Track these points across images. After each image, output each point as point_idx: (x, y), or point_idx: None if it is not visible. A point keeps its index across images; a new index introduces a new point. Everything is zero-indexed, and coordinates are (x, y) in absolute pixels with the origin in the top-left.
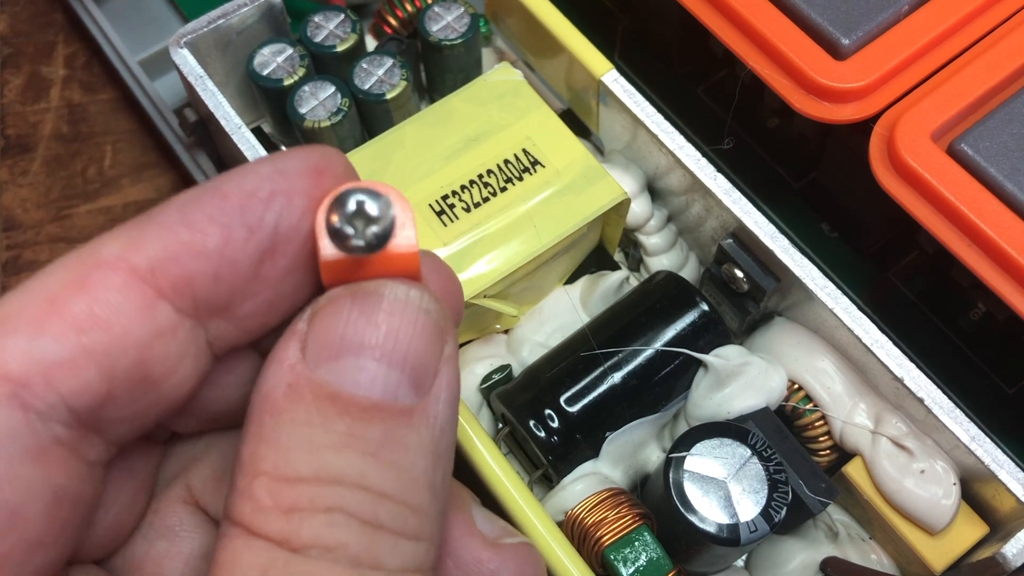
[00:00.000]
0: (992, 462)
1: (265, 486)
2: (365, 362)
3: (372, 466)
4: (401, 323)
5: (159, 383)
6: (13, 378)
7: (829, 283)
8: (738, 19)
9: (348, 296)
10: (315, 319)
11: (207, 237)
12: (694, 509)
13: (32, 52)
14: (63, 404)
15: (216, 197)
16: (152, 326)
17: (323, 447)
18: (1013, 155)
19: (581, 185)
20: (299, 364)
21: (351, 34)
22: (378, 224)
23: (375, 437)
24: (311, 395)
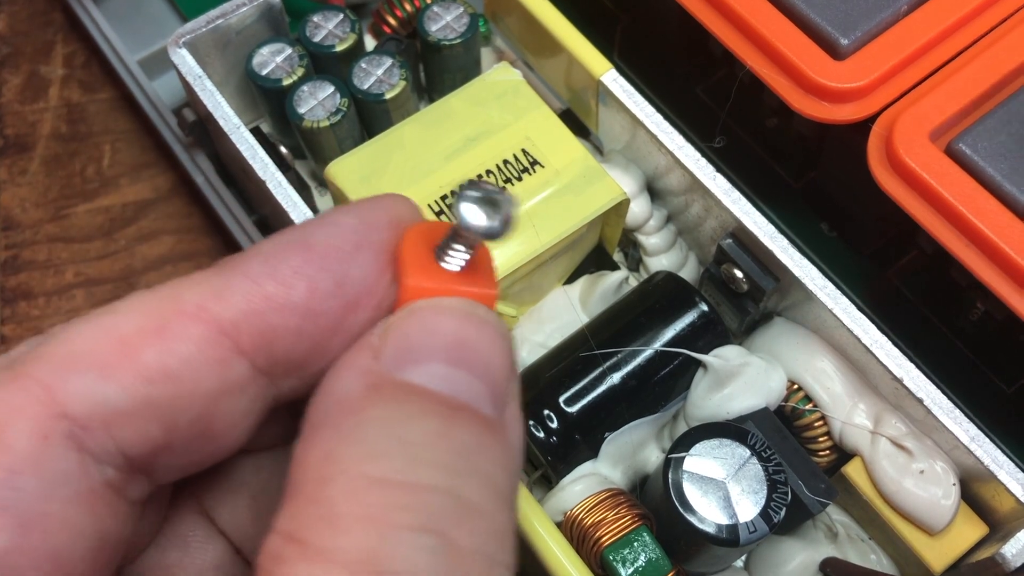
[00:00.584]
0: (991, 462)
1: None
2: (447, 368)
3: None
4: (480, 337)
5: (218, 437)
6: (73, 418)
7: (828, 283)
8: (737, 19)
9: (433, 306)
10: (393, 329)
11: (293, 291)
12: (693, 510)
13: (31, 51)
14: (118, 450)
15: (302, 249)
16: (223, 383)
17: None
18: (1011, 155)
19: (580, 185)
20: (377, 367)
21: (350, 34)
22: (504, 212)
23: (466, 439)
24: (394, 391)
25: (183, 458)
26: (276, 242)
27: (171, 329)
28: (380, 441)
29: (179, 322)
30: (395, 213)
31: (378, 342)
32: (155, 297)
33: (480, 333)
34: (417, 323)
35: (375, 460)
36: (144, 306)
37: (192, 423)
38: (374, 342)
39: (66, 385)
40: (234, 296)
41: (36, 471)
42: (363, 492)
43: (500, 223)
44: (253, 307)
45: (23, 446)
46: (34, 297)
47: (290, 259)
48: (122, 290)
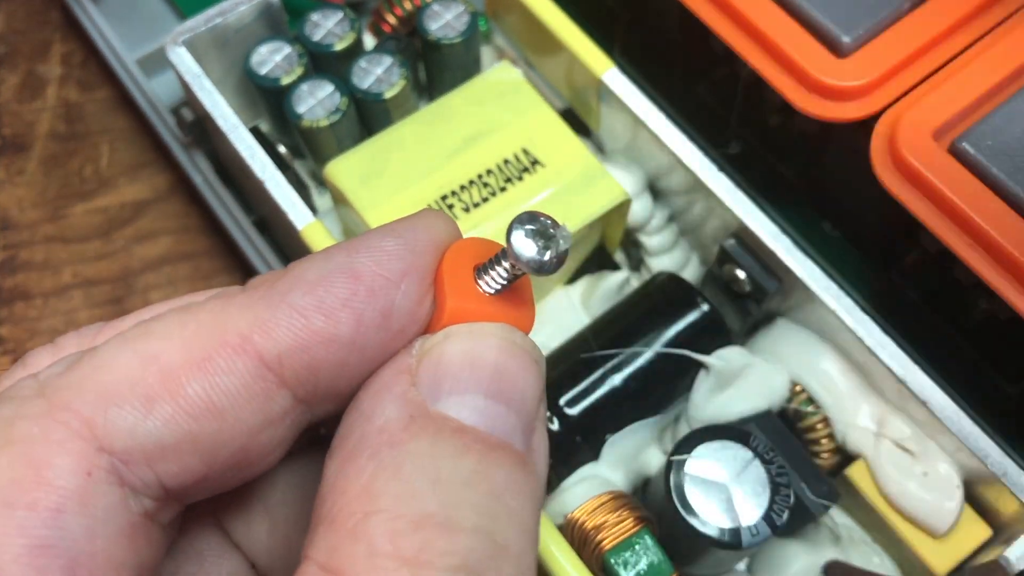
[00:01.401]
0: (995, 465)
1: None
2: (485, 401)
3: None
4: (517, 368)
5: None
6: (114, 452)
7: (832, 284)
8: (738, 17)
9: (472, 333)
10: (431, 354)
11: (340, 325)
12: (695, 512)
13: (28, 50)
14: (158, 483)
15: (349, 279)
16: (266, 417)
17: (451, 482)
18: (1015, 154)
19: (581, 185)
20: (416, 396)
21: (349, 32)
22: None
23: (500, 479)
24: (437, 427)
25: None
26: (320, 268)
27: (216, 362)
28: (419, 479)
29: (224, 355)
30: (436, 233)
31: (415, 364)
32: (196, 323)
33: (518, 363)
34: (457, 350)
35: (414, 500)
36: (186, 333)
37: (232, 456)
38: (411, 363)
39: (107, 419)
40: (279, 329)
41: (82, 509)
42: (403, 532)
43: (553, 259)
44: (300, 343)
45: (66, 483)
46: (32, 298)
47: (337, 290)
48: (120, 290)
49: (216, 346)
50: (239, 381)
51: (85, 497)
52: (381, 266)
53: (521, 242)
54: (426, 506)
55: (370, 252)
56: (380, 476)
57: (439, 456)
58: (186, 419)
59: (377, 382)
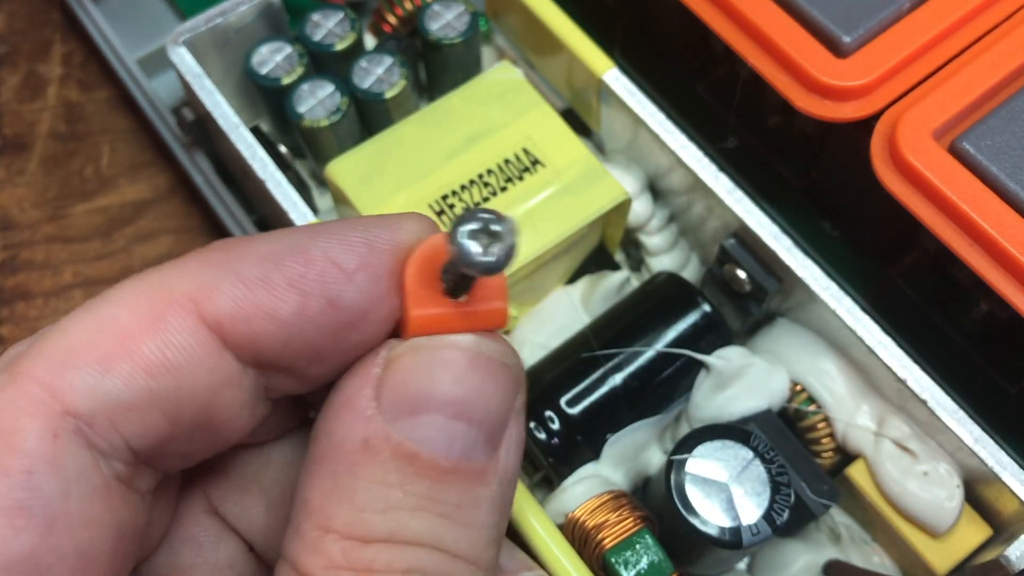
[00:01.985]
0: (996, 464)
1: (338, 544)
2: (447, 421)
3: (448, 528)
4: (484, 379)
5: (220, 428)
6: (78, 414)
7: (832, 284)
8: (738, 16)
9: (434, 348)
10: (394, 367)
11: (283, 304)
12: (696, 512)
13: (29, 50)
14: (125, 445)
15: (300, 260)
16: (220, 375)
17: (399, 508)
18: (1015, 154)
19: (582, 185)
20: (375, 416)
21: (350, 32)
22: (504, 242)
23: (451, 499)
24: (389, 453)
25: (187, 448)
26: (275, 244)
27: (166, 320)
28: (370, 507)
29: (173, 314)
30: (406, 235)
31: (381, 374)
32: (145, 285)
33: (482, 376)
34: (419, 368)
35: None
36: (136, 296)
37: (195, 415)
38: (376, 373)
39: (67, 382)
40: (222, 296)
41: (52, 470)
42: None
43: (501, 256)
44: (241, 312)
45: (35, 446)
46: (32, 298)
47: (285, 268)
48: None
49: (165, 305)
50: (190, 339)
51: (54, 459)
52: (335, 255)
53: (464, 244)
54: (375, 531)
55: (330, 239)
56: (335, 498)
57: (390, 485)
58: (143, 376)
59: (343, 392)
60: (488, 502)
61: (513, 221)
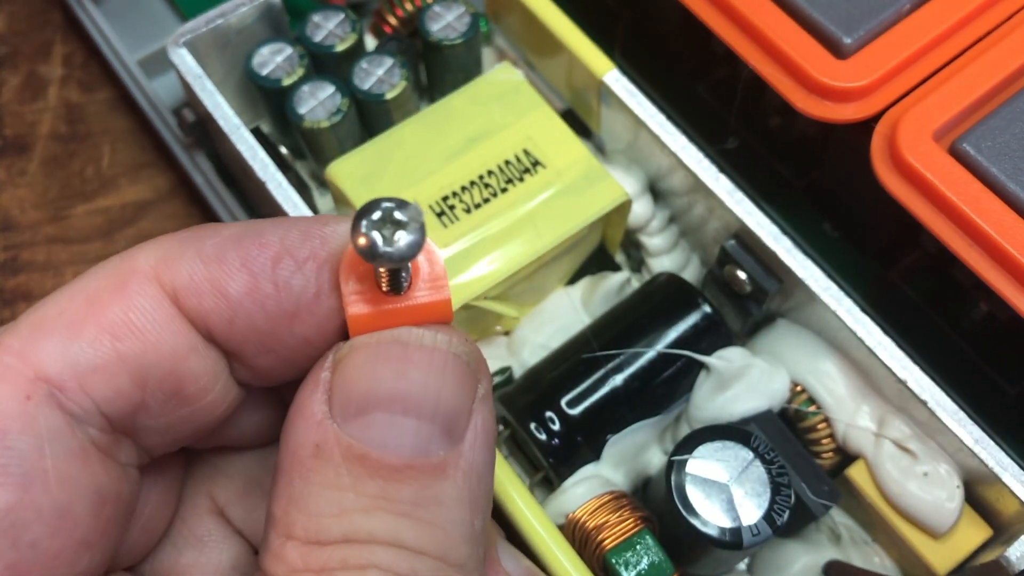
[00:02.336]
0: (996, 465)
1: (297, 549)
2: (394, 417)
3: (406, 526)
4: (430, 371)
5: (191, 400)
6: (49, 379)
7: (832, 285)
8: (739, 18)
9: (373, 345)
10: (340, 369)
11: (232, 281)
12: (696, 512)
13: (30, 51)
14: (96, 409)
15: (254, 242)
16: (183, 341)
17: (353, 510)
18: (1015, 155)
19: (582, 186)
20: (326, 420)
21: (351, 33)
22: (408, 230)
23: (408, 497)
24: (340, 456)
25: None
26: (239, 228)
27: (130, 288)
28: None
29: (136, 281)
30: None
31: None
32: (116, 259)
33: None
34: (361, 366)
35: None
36: (105, 268)
37: (162, 380)
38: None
39: (38, 347)
40: (180, 268)
41: (26, 430)
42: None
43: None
44: (194, 285)
45: (8, 407)
46: (33, 299)
47: (240, 248)
48: None
49: (130, 273)
50: (152, 303)
51: (27, 419)
52: (290, 243)
53: (366, 237)
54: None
55: (289, 229)
56: (293, 506)
57: (342, 488)
58: (109, 339)
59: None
60: (453, 498)
61: (416, 207)
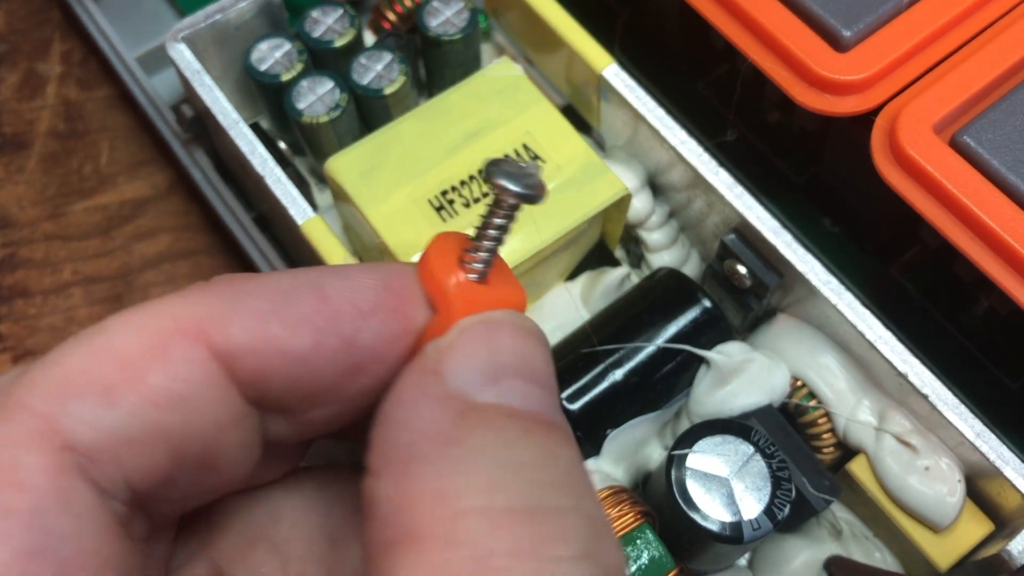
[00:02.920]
0: (997, 458)
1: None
2: (524, 384)
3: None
4: (535, 349)
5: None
6: (78, 448)
7: (832, 279)
8: (738, 11)
9: (484, 324)
10: (454, 349)
11: (297, 339)
12: (696, 507)
13: (28, 49)
14: (125, 483)
15: (316, 297)
16: (228, 412)
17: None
18: (1016, 147)
19: (582, 181)
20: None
21: (349, 29)
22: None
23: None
24: (488, 417)
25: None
26: (289, 281)
27: (174, 350)
28: (497, 471)
29: (181, 343)
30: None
31: (438, 365)
32: (151, 315)
33: (534, 344)
34: (480, 341)
35: (501, 491)
36: (141, 324)
37: (198, 455)
38: (431, 366)
39: (67, 413)
40: (235, 328)
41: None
42: (507, 526)
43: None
44: (252, 345)
45: (42, 483)
46: (31, 295)
47: (301, 304)
48: (120, 288)
49: (172, 333)
50: (199, 370)
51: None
52: (352, 292)
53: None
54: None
55: (345, 278)
56: (454, 476)
57: (509, 443)
58: (150, 408)
59: (401, 391)
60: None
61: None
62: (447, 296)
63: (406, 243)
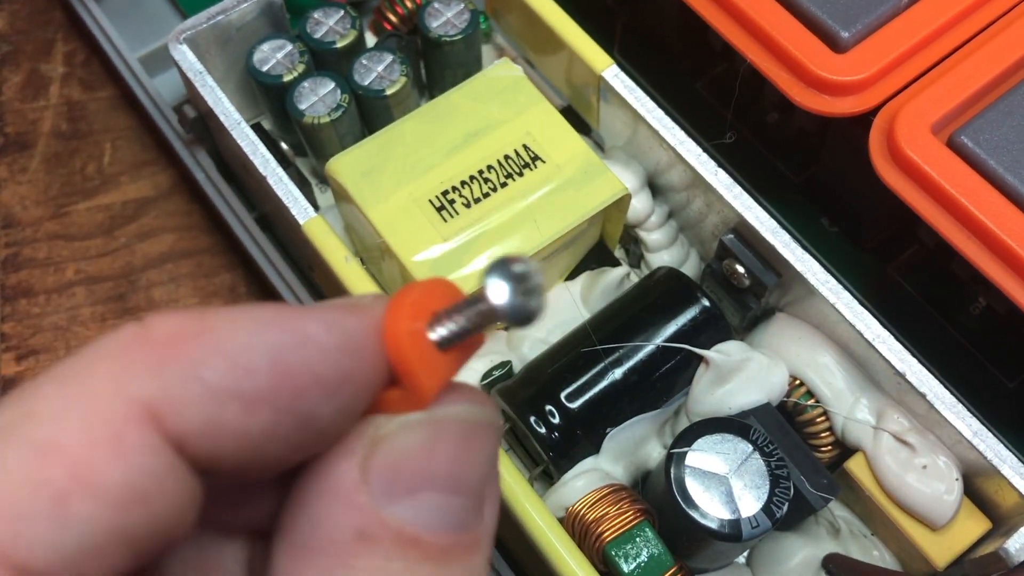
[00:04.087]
0: (994, 457)
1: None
2: (442, 497)
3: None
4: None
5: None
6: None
7: (831, 278)
8: (737, 12)
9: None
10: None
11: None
12: (695, 505)
13: (31, 50)
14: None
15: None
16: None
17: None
18: (1013, 147)
19: (581, 181)
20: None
21: (351, 30)
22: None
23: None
24: (390, 541)
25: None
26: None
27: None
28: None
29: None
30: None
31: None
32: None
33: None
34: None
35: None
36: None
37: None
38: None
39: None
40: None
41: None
42: None
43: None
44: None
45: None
46: (34, 295)
47: (257, 378)
48: (123, 287)
49: (122, 421)
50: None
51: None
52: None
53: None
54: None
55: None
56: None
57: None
58: (111, 512)
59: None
60: (480, 565)
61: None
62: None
63: (407, 243)
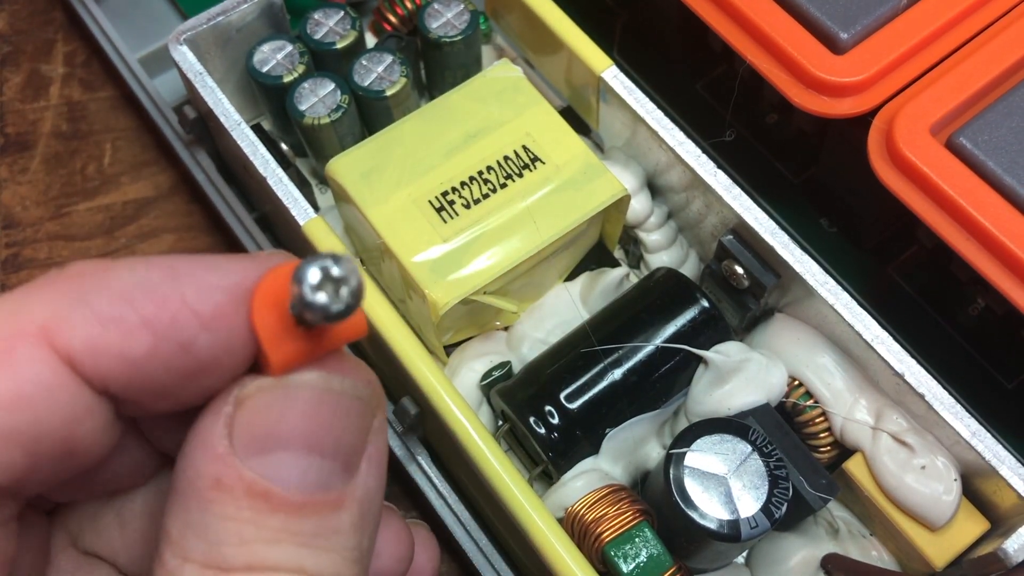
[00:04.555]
0: (993, 457)
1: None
2: (296, 456)
3: (307, 554)
4: (333, 414)
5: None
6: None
7: (829, 279)
8: (736, 14)
9: (281, 388)
10: (244, 406)
11: (135, 345)
12: (694, 505)
13: (32, 50)
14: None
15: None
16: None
17: (255, 541)
18: (1012, 149)
19: (581, 181)
20: (228, 455)
21: (351, 31)
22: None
23: (309, 529)
24: (242, 491)
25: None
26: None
27: (18, 351)
28: (224, 540)
29: (25, 346)
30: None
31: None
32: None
33: (331, 410)
34: (268, 407)
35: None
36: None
37: (54, 447)
38: (228, 412)
39: None
40: (75, 330)
41: None
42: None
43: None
44: (92, 347)
45: None
46: None
47: (140, 307)
48: None
49: (15, 336)
50: (44, 369)
51: None
52: (192, 299)
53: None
54: (232, 562)
55: (189, 281)
56: (190, 532)
57: (243, 520)
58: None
59: (197, 430)
60: (348, 525)
61: (352, 260)
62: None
63: (407, 244)
